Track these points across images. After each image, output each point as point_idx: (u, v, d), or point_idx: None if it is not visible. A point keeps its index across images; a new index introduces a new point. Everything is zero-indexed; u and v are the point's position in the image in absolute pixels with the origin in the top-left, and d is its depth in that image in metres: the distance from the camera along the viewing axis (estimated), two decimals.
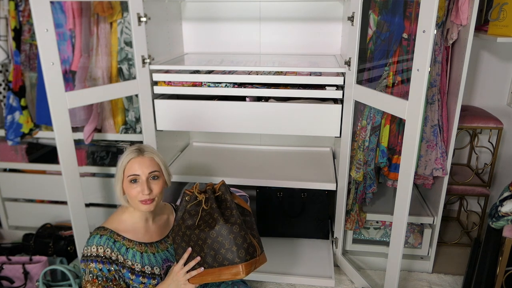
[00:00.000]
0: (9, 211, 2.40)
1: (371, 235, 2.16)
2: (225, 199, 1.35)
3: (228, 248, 1.25)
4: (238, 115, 1.97)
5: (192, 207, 1.34)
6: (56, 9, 1.88)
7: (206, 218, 1.31)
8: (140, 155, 1.30)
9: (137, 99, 1.94)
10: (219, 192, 1.37)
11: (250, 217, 1.40)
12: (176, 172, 2.15)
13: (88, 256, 1.23)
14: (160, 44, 2.05)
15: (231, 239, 1.25)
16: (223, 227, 1.26)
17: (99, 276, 1.21)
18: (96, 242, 1.24)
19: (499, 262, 1.64)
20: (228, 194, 1.36)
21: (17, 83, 2.03)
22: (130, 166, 1.29)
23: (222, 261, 1.26)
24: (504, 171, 2.35)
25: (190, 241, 1.29)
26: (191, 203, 1.35)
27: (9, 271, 1.95)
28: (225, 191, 1.36)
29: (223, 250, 1.26)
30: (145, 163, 1.30)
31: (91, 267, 1.22)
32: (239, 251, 1.25)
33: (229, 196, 1.36)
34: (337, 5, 2.22)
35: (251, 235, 1.32)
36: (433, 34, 1.28)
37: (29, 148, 2.24)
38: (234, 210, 1.31)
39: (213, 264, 1.27)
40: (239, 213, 1.33)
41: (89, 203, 2.24)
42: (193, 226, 1.30)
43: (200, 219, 1.31)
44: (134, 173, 1.28)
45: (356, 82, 1.75)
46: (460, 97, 1.72)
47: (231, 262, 1.25)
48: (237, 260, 1.25)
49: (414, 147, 1.43)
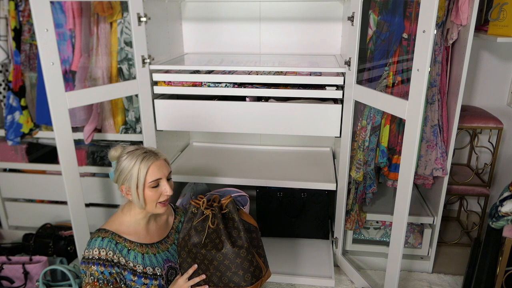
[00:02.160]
0: (9, 211, 2.40)
1: (371, 235, 2.16)
2: (232, 218, 1.33)
3: (235, 272, 1.26)
4: (238, 115, 1.97)
5: (198, 223, 1.33)
6: (56, 9, 1.88)
7: (212, 237, 1.30)
8: (157, 158, 1.29)
9: (137, 99, 1.94)
10: (226, 209, 1.35)
11: (257, 233, 1.39)
12: (176, 172, 2.15)
13: (90, 259, 1.22)
14: (160, 44, 2.05)
15: (238, 264, 1.26)
16: (230, 251, 1.26)
17: (100, 279, 1.21)
18: (98, 245, 1.23)
19: (499, 262, 1.64)
20: (235, 213, 1.34)
21: (17, 83, 2.03)
22: (151, 172, 1.26)
23: (228, 283, 1.27)
24: (504, 171, 2.34)
25: (196, 258, 1.30)
26: (198, 219, 1.33)
27: (9, 271, 1.95)
28: (232, 209, 1.34)
29: (230, 273, 1.26)
30: (163, 165, 1.30)
31: (92, 270, 1.21)
32: (246, 275, 1.26)
33: (237, 215, 1.33)
34: (337, 5, 2.22)
35: (257, 254, 1.32)
36: (433, 34, 1.28)
37: (29, 148, 2.24)
38: (242, 232, 1.30)
39: (219, 284, 1.27)
40: (246, 231, 1.32)
41: (89, 203, 2.24)
42: (200, 244, 1.30)
43: (206, 237, 1.30)
44: (157, 177, 1.27)
45: (356, 82, 1.75)
46: (460, 97, 1.72)
47: (237, 285, 1.26)
48: (243, 284, 1.26)
49: (414, 147, 1.43)
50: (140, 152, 1.29)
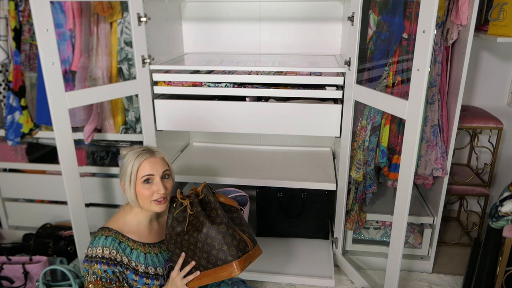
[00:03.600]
0: (9, 211, 2.40)
1: (371, 235, 2.16)
2: (208, 201, 1.36)
3: (219, 248, 1.27)
4: (238, 115, 1.97)
5: (179, 214, 1.35)
6: (56, 9, 1.88)
7: (194, 223, 1.32)
8: (152, 155, 1.30)
9: (137, 99, 1.93)
10: (202, 194, 1.38)
11: (238, 213, 1.42)
12: (176, 172, 2.15)
13: (93, 257, 1.22)
14: (160, 44, 2.05)
15: (220, 239, 1.27)
16: (210, 229, 1.28)
17: (103, 277, 1.21)
18: (102, 244, 1.23)
19: (499, 262, 1.64)
20: (211, 195, 1.37)
21: (17, 83, 2.03)
22: (143, 167, 1.28)
23: (215, 261, 1.27)
24: (504, 171, 2.35)
25: (183, 247, 1.31)
26: (178, 210, 1.36)
27: (9, 271, 1.95)
28: (207, 193, 1.37)
29: (215, 251, 1.27)
30: (157, 163, 1.30)
31: (95, 268, 1.21)
32: (230, 249, 1.27)
33: (212, 197, 1.36)
34: (337, 5, 2.22)
35: (240, 230, 1.33)
36: (433, 34, 1.28)
37: (29, 148, 2.24)
38: (219, 210, 1.32)
39: (208, 266, 1.28)
40: (225, 212, 1.34)
41: (89, 203, 2.24)
42: (183, 232, 1.32)
43: (188, 224, 1.32)
44: (149, 173, 1.28)
45: (356, 82, 1.75)
46: (460, 97, 1.72)
47: (224, 262, 1.27)
48: (230, 258, 1.26)
49: (414, 147, 1.43)
50: (138, 150, 1.31)
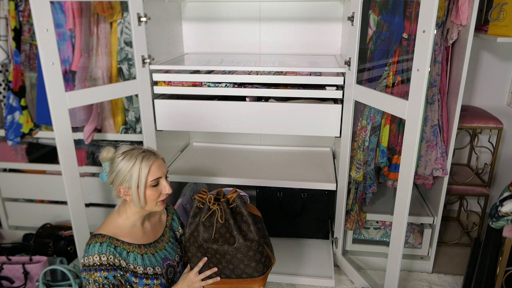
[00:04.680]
0: (9, 211, 2.40)
1: (371, 235, 2.16)
2: (240, 213, 1.35)
3: (247, 264, 1.28)
4: (238, 115, 1.97)
5: (206, 219, 1.34)
6: (56, 9, 1.88)
7: (222, 232, 1.32)
8: (156, 157, 1.30)
9: (137, 99, 1.93)
10: (233, 204, 1.36)
11: (262, 223, 1.42)
12: (176, 172, 2.15)
13: (91, 266, 1.20)
14: (160, 44, 2.05)
15: (250, 256, 1.28)
16: (243, 245, 1.28)
17: (105, 284, 1.19)
18: (97, 251, 1.21)
19: (499, 262, 1.64)
20: (243, 207, 1.35)
21: (17, 83, 2.03)
22: (153, 171, 1.27)
23: (240, 274, 1.29)
24: (504, 171, 2.34)
25: (207, 253, 1.31)
26: (205, 215, 1.34)
27: (9, 271, 1.95)
28: (240, 204, 1.35)
29: (242, 265, 1.28)
30: (161, 164, 1.31)
31: (96, 276, 1.19)
32: (258, 266, 1.29)
33: (245, 209, 1.34)
34: (337, 5, 2.22)
35: (265, 244, 1.34)
36: (433, 34, 1.28)
37: (29, 148, 2.24)
38: (252, 226, 1.32)
39: (231, 275, 1.30)
40: (254, 224, 1.34)
41: (89, 203, 2.24)
42: (210, 239, 1.31)
43: (215, 231, 1.32)
44: (158, 176, 1.28)
45: (356, 82, 1.75)
46: (460, 97, 1.72)
47: (249, 276, 1.29)
48: (256, 274, 1.29)
49: (414, 147, 1.43)
50: (138, 152, 1.28)
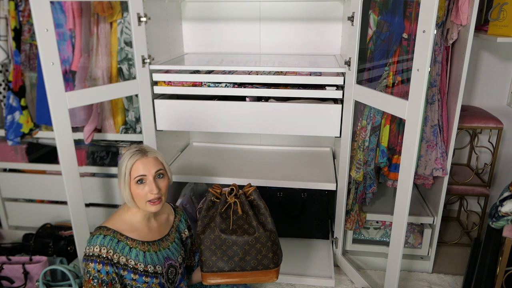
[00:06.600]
0: (9, 211, 2.40)
1: (371, 235, 2.16)
2: (257, 205, 1.39)
3: (265, 255, 1.30)
4: (238, 115, 1.97)
5: (223, 210, 1.37)
6: (56, 9, 1.88)
7: (239, 223, 1.34)
8: (144, 155, 1.31)
9: (137, 99, 1.94)
10: (251, 197, 1.40)
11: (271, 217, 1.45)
12: (176, 172, 2.15)
13: (90, 256, 1.23)
14: (160, 44, 2.05)
15: (268, 247, 1.31)
16: (263, 235, 1.31)
17: (95, 277, 1.21)
18: (99, 242, 1.24)
19: (499, 262, 1.64)
20: (260, 200, 1.39)
21: (17, 83, 2.03)
22: (136, 167, 1.28)
23: (256, 265, 1.31)
24: (504, 171, 2.35)
25: (223, 244, 1.32)
26: (223, 207, 1.37)
27: (9, 271, 1.95)
28: (257, 198, 1.40)
29: (260, 255, 1.30)
30: (150, 163, 1.30)
31: (90, 267, 1.22)
32: (274, 257, 1.31)
33: (262, 202, 1.39)
34: (337, 5, 2.22)
35: None
36: (433, 34, 1.28)
37: (29, 148, 2.24)
38: (269, 218, 1.36)
39: (246, 267, 1.31)
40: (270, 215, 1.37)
41: (89, 203, 2.24)
42: (228, 230, 1.33)
43: (233, 223, 1.34)
44: (141, 173, 1.29)
45: (356, 82, 1.75)
46: (460, 97, 1.72)
47: (265, 267, 1.31)
48: (272, 265, 1.31)
49: (414, 147, 1.43)
50: (132, 150, 1.32)
